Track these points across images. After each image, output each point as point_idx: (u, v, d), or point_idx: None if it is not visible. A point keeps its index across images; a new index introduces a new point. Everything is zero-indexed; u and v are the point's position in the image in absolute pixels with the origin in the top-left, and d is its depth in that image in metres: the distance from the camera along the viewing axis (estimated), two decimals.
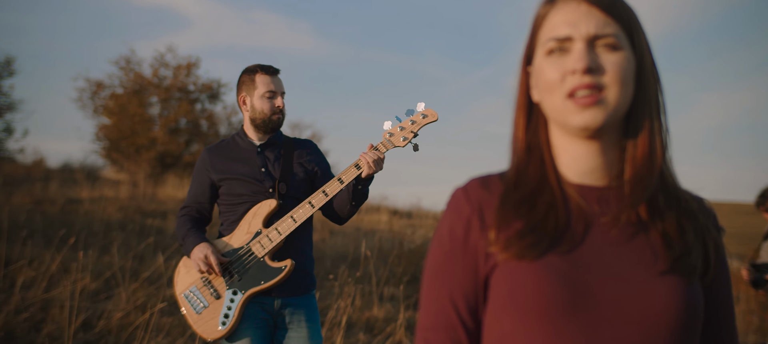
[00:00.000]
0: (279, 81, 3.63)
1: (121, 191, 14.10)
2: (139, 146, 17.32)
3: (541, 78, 1.27)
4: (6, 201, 11.18)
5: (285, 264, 3.46)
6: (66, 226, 9.46)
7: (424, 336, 1.33)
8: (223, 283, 3.51)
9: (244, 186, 3.59)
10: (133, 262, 8.28)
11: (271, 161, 3.64)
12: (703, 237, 1.28)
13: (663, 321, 1.19)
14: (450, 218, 1.34)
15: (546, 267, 1.22)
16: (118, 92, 18.00)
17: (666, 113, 1.31)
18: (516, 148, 1.35)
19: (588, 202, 1.28)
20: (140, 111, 17.38)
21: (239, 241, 3.55)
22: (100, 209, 11.61)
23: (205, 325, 3.49)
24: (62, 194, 12.66)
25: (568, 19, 1.24)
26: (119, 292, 6.92)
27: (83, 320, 6.29)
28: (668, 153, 1.30)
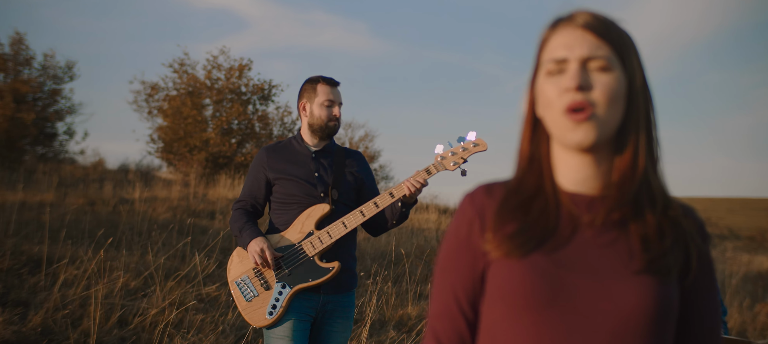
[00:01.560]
0: (338, 92, 3.94)
1: (173, 191, 14.41)
2: (193, 147, 17.66)
3: (542, 95, 1.43)
4: (60, 202, 11.55)
5: (333, 265, 3.73)
6: (114, 226, 9.74)
7: (431, 324, 1.54)
8: (274, 276, 3.77)
9: (297, 188, 3.85)
10: (175, 261, 8.49)
11: (324, 167, 3.91)
12: (686, 243, 1.42)
13: (634, 315, 1.32)
14: (457, 220, 1.54)
15: (530, 265, 1.39)
16: (172, 94, 18.39)
17: (656, 128, 1.45)
18: (520, 158, 1.52)
19: (578, 208, 1.44)
20: (194, 112, 17.72)
21: (292, 239, 3.80)
22: (150, 209, 11.90)
23: (253, 313, 3.75)
24: (115, 194, 13.00)
25: (565, 43, 1.40)
26: (155, 290, 7.11)
27: (119, 317, 6.49)
28: (659, 164, 1.45)
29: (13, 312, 6.18)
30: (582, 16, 1.42)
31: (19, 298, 6.61)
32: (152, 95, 18.62)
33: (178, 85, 18.41)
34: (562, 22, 1.44)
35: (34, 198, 11.53)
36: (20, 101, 17.79)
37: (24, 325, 5.96)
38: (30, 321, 6.03)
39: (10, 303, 6.47)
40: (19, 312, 6.22)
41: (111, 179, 15.50)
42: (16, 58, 18.58)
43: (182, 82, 18.36)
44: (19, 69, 18.59)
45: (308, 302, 3.76)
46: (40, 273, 7.21)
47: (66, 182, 13.75)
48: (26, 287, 6.92)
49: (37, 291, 6.82)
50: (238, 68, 18.22)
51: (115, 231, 9.36)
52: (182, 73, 18.33)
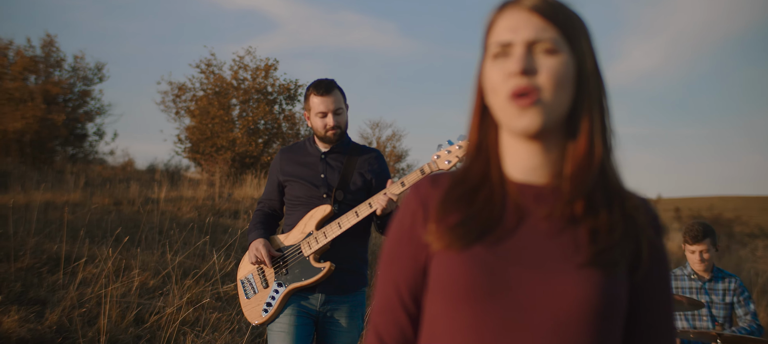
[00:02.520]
0: (330, 99, 3.86)
1: (199, 191, 14.49)
2: (219, 147, 17.76)
3: (488, 80, 1.37)
4: (86, 202, 11.67)
5: (324, 266, 3.72)
6: (137, 225, 9.80)
7: (373, 320, 1.48)
8: (274, 275, 3.83)
9: (302, 189, 3.90)
10: (195, 260, 8.53)
11: (332, 168, 3.91)
12: (637, 236, 1.36)
13: (575, 309, 1.27)
14: (401, 211, 1.49)
15: (470, 257, 1.33)
16: (199, 95, 18.51)
17: (610, 115, 1.39)
18: (469, 146, 1.46)
19: (526, 199, 1.39)
20: (220, 113, 17.82)
21: (293, 240, 3.84)
22: (175, 208, 11.97)
23: (251, 310, 3.87)
24: (141, 194, 13.10)
25: (510, 25, 1.34)
26: (172, 289, 7.14)
27: (135, 315, 6.52)
28: (612, 153, 1.38)
29: (30, 310, 6.24)
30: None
31: (38, 297, 6.67)
32: (180, 96, 18.75)
33: (205, 86, 18.53)
34: (509, 4, 1.38)
35: (61, 198, 11.65)
36: (51, 102, 18.01)
37: (40, 323, 6.01)
38: (46, 320, 6.08)
39: (28, 301, 6.53)
40: (36, 311, 6.28)
41: (138, 179, 15.63)
42: (47, 60, 18.83)
43: (209, 82, 18.47)
44: (50, 71, 18.84)
45: (306, 301, 3.79)
46: (59, 271, 7.28)
47: (93, 182, 13.88)
48: (45, 285, 6.99)
49: (55, 290, 6.88)
50: (265, 68, 18.28)
51: (138, 230, 9.42)
52: (209, 73, 18.44)
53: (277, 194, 4.03)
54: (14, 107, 17.24)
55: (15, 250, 7.68)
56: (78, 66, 19.22)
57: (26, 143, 17.12)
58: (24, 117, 17.02)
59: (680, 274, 5.27)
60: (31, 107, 17.30)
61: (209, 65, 18.46)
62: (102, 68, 19.56)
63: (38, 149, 17.45)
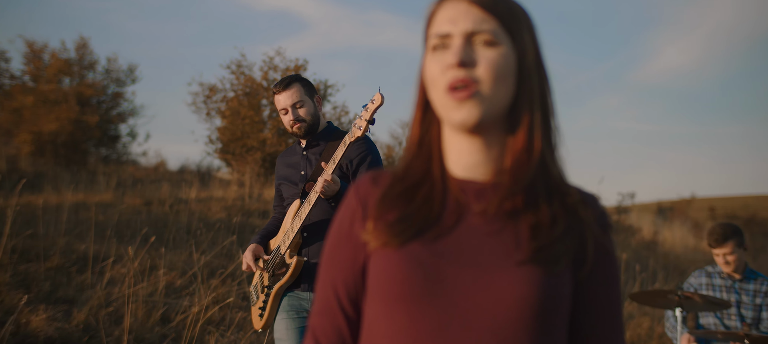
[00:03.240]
0: (287, 94, 3.81)
1: (229, 191, 14.59)
2: (250, 147, 17.85)
3: (427, 73, 1.34)
4: (118, 202, 11.81)
5: (292, 261, 3.73)
6: (166, 225, 9.89)
7: (311, 322, 1.44)
8: (267, 279, 3.86)
9: (288, 189, 3.96)
10: (222, 259, 8.58)
11: (310, 162, 3.88)
12: (581, 232, 1.33)
13: (514, 308, 1.24)
14: (341, 211, 1.45)
15: (406, 255, 1.29)
16: (230, 96, 18.61)
17: (553, 110, 1.36)
18: (408, 142, 1.43)
19: (466, 196, 1.35)
20: (251, 113, 17.90)
21: (278, 241, 3.87)
22: (205, 209, 12.06)
23: (254, 316, 3.96)
24: (172, 195, 13.22)
25: (449, 17, 1.31)
26: (198, 288, 7.19)
27: (162, 314, 6.58)
28: (555, 148, 1.35)
29: (58, 309, 6.32)
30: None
31: (66, 296, 6.77)
32: (210, 97, 18.88)
33: (235, 87, 18.63)
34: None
35: (92, 199, 11.79)
36: (84, 104, 18.24)
37: (68, 322, 6.09)
38: (73, 319, 6.16)
39: (56, 300, 6.62)
40: (64, 310, 6.36)
41: (170, 180, 15.78)
42: (81, 62, 19.07)
43: (239, 83, 18.57)
44: (84, 73, 19.08)
45: (296, 300, 3.78)
46: (87, 271, 7.36)
47: (125, 183, 14.04)
48: (73, 285, 7.08)
49: (83, 289, 6.96)
50: (294, 69, 18.33)
51: (167, 230, 9.51)
52: (239, 74, 18.54)
53: (280, 199, 4.07)
54: (49, 109, 17.48)
55: (45, 250, 7.79)
56: (111, 68, 19.44)
57: (60, 144, 17.36)
58: (58, 119, 17.25)
59: (712, 272, 5.20)
60: (65, 109, 17.53)
61: (239, 66, 18.56)
62: (134, 70, 19.77)
63: (72, 150, 17.68)
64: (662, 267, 12.57)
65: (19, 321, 5.84)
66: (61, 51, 18.73)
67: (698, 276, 5.25)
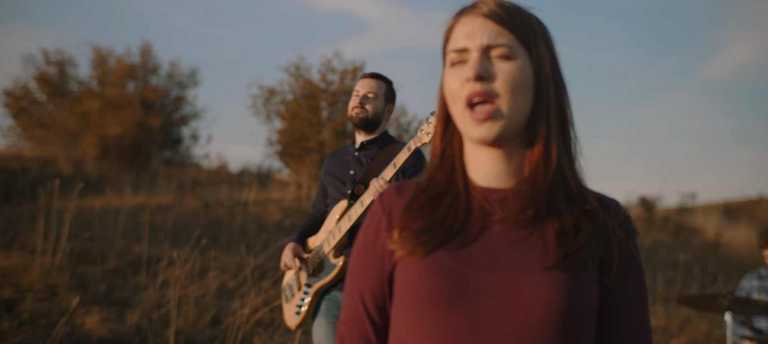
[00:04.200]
0: (366, 82, 3.87)
1: (288, 193, 14.73)
2: (308, 149, 17.99)
3: (447, 88, 1.37)
4: (178, 204, 12.04)
5: (339, 261, 3.71)
6: (222, 228, 10.05)
7: (339, 330, 1.47)
8: (305, 277, 3.84)
9: (333, 188, 3.92)
10: (275, 261, 8.67)
11: (361, 164, 3.87)
12: (607, 237, 1.35)
13: (541, 313, 1.25)
14: (367, 220, 1.48)
15: (433, 262, 1.32)
16: (288, 98, 18.80)
17: (571, 120, 1.39)
18: (431, 154, 1.47)
19: (490, 204, 1.38)
20: (309, 115, 18.05)
21: (319, 239, 3.86)
22: (262, 211, 12.21)
23: (288, 314, 3.92)
24: (231, 197, 13.41)
25: (466, 32, 1.34)
26: (250, 290, 7.28)
27: (213, 316, 6.68)
28: (574, 157, 1.39)
29: (112, 310, 6.47)
30: (486, 4, 1.36)
31: (121, 297, 6.92)
32: (270, 99, 19.09)
33: (294, 89, 18.80)
34: (465, 11, 1.38)
35: (153, 201, 12.05)
36: (148, 108, 18.65)
37: (121, 323, 6.23)
38: (127, 320, 6.30)
39: (111, 301, 6.78)
40: (118, 311, 6.51)
41: (230, 182, 16.01)
42: (145, 66, 19.51)
43: (298, 85, 18.74)
44: (148, 77, 19.51)
45: (335, 303, 3.77)
46: (143, 273, 7.52)
47: (186, 185, 14.30)
48: (128, 287, 7.24)
49: (137, 291, 7.12)
50: (352, 70, 18.42)
51: (222, 232, 9.65)
52: (298, 76, 18.71)
53: (323, 197, 4.05)
54: (114, 113, 17.93)
55: (103, 252, 7.98)
56: (174, 72, 19.83)
57: (124, 148, 17.77)
58: (123, 122, 17.68)
59: (765, 274, 5.05)
60: (130, 113, 17.95)
61: (298, 69, 18.73)
62: (196, 73, 20.13)
63: (136, 154, 18.09)
64: (723, 270, 12.24)
65: (73, 322, 6.00)
66: (126, 56, 19.21)
67: (750, 279, 5.10)
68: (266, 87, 19.04)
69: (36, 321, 5.93)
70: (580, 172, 1.40)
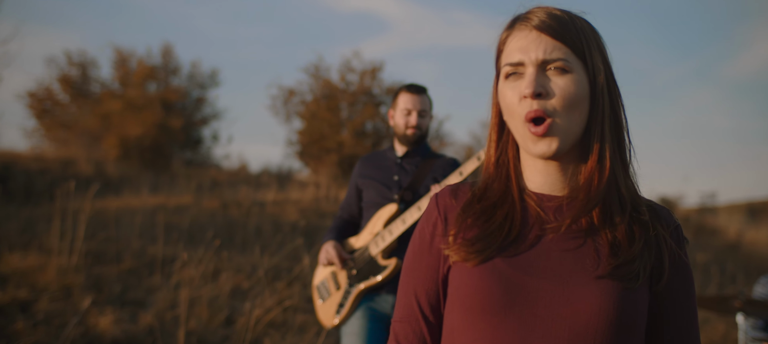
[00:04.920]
0: (417, 99, 3.95)
1: (306, 193, 14.75)
2: (328, 149, 18.02)
3: (503, 100, 1.40)
4: (197, 205, 12.09)
5: (390, 262, 3.76)
6: (239, 228, 10.08)
7: (393, 328, 1.52)
8: (345, 277, 3.89)
9: (375, 191, 3.98)
10: (290, 262, 8.68)
11: (405, 171, 3.97)
12: (658, 247, 1.38)
13: (592, 321, 1.29)
14: (422, 221, 1.52)
15: (488, 269, 1.35)
16: (308, 99, 18.84)
17: (625, 126, 1.42)
18: (486, 162, 1.50)
19: (545, 211, 1.41)
20: (329, 115, 18.09)
21: (363, 241, 3.91)
22: (281, 211, 12.23)
23: (325, 313, 3.96)
24: (249, 197, 13.45)
25: (521, 46, 1.37)
26: (263, 291, 7.29)
27: (226, 316, 6.70)
28: (628, 165, 1.42)
29: (126, 311, 6.50)
30: (538, 15, 1.37)
31: (136, 298, 6.96)
32: (289, 99, 19.14)
33: (313, 89, 18.85)
34: (518, 22, 1.40)
35: (171, 202, 12.10)
36: (169, 109, 18.76)
37: (134, 324, 6.26)
38: (140, 321, 6.33)
39: (126, 302, 6.82)
40: (132, 312, 6.54)
41: (249, 182, 16.06)
42: (166, 67, 19.63)
43: (317, 85, 18.79)
44: (169, 78, 19.63)
45: (377, 303, 3.82)
46: (158, 274, 7.56)
47: (205, 186, 14.36)
48: (143, 287, 7.27)
49: (152, 292, 7.15)
50: (371, 71, 18.43)
51: (238, 233, 9.67)
52: (317, 77, 18.75)
53: (356, 199, 4.09)
54: (135, 114, 18.05)
55: (119, 253, 8.04)
56: (194, 73, 19.94)
57: (145, 149, 17.89)
58: (144, 123, 17.79)
59: None
60: (151, 114, 18.07)
61: (317, 69, 18.77)
62: (217, 74, 20.22)
63: (156, 154, 18.20)
64: (743, 270, 12.08)
65: (87, 323, 6.04)
66: (148, 57, 19.34)
67: (765, 283, 5.02)
68: (286, 87, 19.13)
69: (50, 322, 5.98)
70: (634, 178, 1.43)
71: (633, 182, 1.43)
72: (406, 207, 3.83)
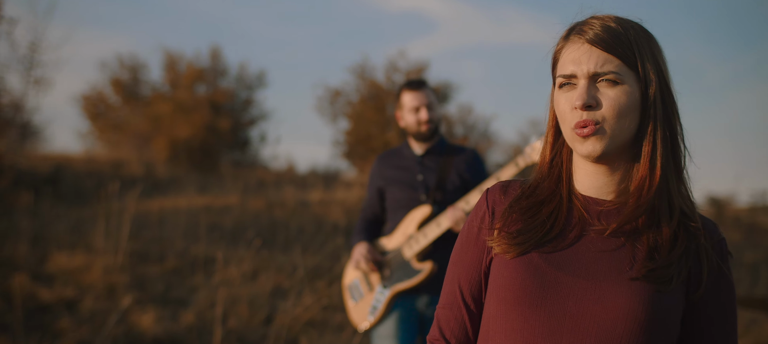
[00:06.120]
0: (421, 94, 3.93)
1: (352, 193, 14.81)
2: (374, 149, 18.06)
3: (557, 108, 1.47)
4: (243, 205, 12.23)
5: (425, 266, 3.74)
6: (282, 228, 10.16)
7: (437, 313, 1.61)
8: (379, 278, 3.87)
9: (402, 193, 3.95)
10: (332, 261, 8.72)
11: (429, 170, 3.94)
12: (699, 257, 1.41)
13: (621, 321, 1.34)
14: (472, 214, 1.60)
15: (524, 263, 1.43)
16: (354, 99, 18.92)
17: (681, 133, 1.45)
18: (541, 162, 1.57)
19: (590, 214, 1.47)
20: (375, 115, 18.13)
21: (395, 242, 3.90)
22: (325, 211, 12.30)
23: (358, 315, 3.94)
24: (295, 197, 13.55)
25: (574, 58, 1.42)
26: (304, 290, 7.34)
27: (266, 315, 6.76)
28: (682, 172, 1.45)
29: (167, 310, 6.61)
30: (592, 28, 1.42)
31: (178, 297, 7.06)
32: (335, 100, 19.24)
33: (359, 89, 18.92)
34: (573, 34, 1.45)
35: (218, 203, 12.26)
36: (217, 110, 19.01)
37: (175, 322, 6.35)
38: (181, 319, 6.42)
39: (168, 301, 6.92)
40: (173, 310, 6.64)
41: (296, 182, 16.18)
42: (214, 69, 19.90)
43: (364, 86, 18.85)
44: (217, 80, 19.89)
45: (411, 303, 3.80)
46: (201, 273, 7.66)
47: (252, 186, 14.51)
48: (186, 287, 7.38)
49: (194, 291, 7.25)
50: (417, 70, 18.42)
51: (282, 233, 9.75)
52: (363, 77, 18.81)
53: (378, 200, 4.07)
54: (184, 116, 18.34)
55: (163, 253, 8.17)
56: (242, 74, 20.16)
57: (194, 150, 18.15)
58: (192, 125, 18.06)
59: None
60: (199, 115, 18.33)
61: (363, 69, 18.83)
62: (264, 75, 20.41)
63: (205, 155, 18.45)
64: None
65: (129, 321, 6.15)
66: (196, 59, 19.62)
67: None
68: (331, 88, 19.23)
69: (94, 320, 6.10)
70: (688, 185, 1.47)
71: (686, 189, 1.46)
72: (439, 207, 3.81)
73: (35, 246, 7.85)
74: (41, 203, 10.00)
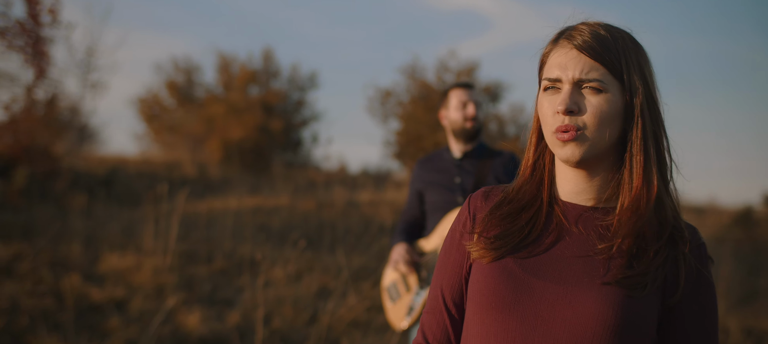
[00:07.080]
0: (471, 92, 4.00)
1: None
2: (426, 150, 18.04)
3: (540, 111, 1.49)
4: (292, 206, 12.33)
5: None
6: (332, 228, 10.21)
7: (422, 318, 1.64)
8: (416, 280, 3.92)
9: (439, 195, 3.98)
10: (379, 262, 8.74)
11: (466, 172, 3.97)
12: (676, 262, 1.41)
13: (590, 325, 1.35)
14: (455, 220, 1.63)
15: (499, 268, 1.45)
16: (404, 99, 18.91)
17: (666, 144, 1.46)
18: (524, 164, 1.58)
19: (569, 219, 1.49)
20: (426, 116, 18.10)
21: (433, 245, 3.93)
22: (374, 211, 12.33)
23: (395, 315, 3.99)
24: (345, 198, 13.61)
25: (560, 63, 1.44)
26: (349, 290, 7.38)
27: (310, 316, 6.81)
28: (669, 183, 1.47)
29: (214, 310, 6.71)
30: (581, 34, 1.43)
31: (225, 297, 7.16)
32: (386, 100, 19.26)
33: (410, 89, 18.90)
34: (562, 38, 1.47)
35: (269, 203, 12.38)
36: (269, 111, 19.19)
37: (221, 323, 6.44)
38: (226, 320, 6.51)
39: (215, 301, 7.03)
40: (219, 311, 6.74)
41: (347, 183, 16.25)
42: (267, 71, 20.09)
43: (415, 85, 18.83)
44: (269, 81, 20.09)
45: None
46: (247, 274, 7.75)
47: (303, 187, 14.62)
48: (232, 287, 7.48)
49: (241, 291, 7.34)
50: (467, 70, 18.34)
51: (328, 233, 9.81)
52: (413, 77, 18.79)
53: (418, 203, 4.09)
54: (237, 117, 18.56)
55: (212, 253, 8.29)
56: (294, 75, 20.31)
57: (247, 151, 18.35)
58: (245, 126, 18.27)
59: None
60: (252, 117, 18.53)
61: (413, 69, 18.81)
62: (316, 76, 20.53)
63: (257, 156, 18.64)
64: None
65: (175, 321, 6.26)
66: (249, 61, 19.84)
67: None
68: (382, 88, 19.25)
69: (142, 320, 6.23)
70: (675, 196, 1.48)
71: (672, 199, 1.46)
72: None
73: (88, 247, 8.04)
74: (95, 204, 10.24)
